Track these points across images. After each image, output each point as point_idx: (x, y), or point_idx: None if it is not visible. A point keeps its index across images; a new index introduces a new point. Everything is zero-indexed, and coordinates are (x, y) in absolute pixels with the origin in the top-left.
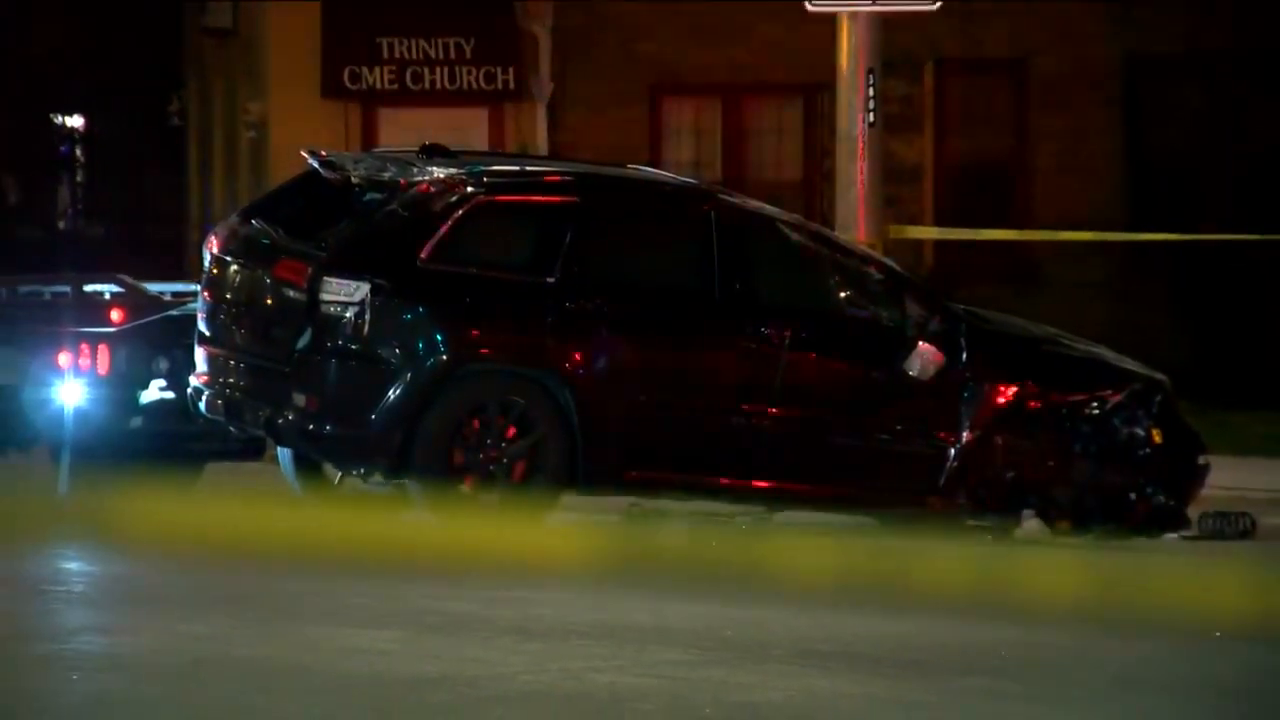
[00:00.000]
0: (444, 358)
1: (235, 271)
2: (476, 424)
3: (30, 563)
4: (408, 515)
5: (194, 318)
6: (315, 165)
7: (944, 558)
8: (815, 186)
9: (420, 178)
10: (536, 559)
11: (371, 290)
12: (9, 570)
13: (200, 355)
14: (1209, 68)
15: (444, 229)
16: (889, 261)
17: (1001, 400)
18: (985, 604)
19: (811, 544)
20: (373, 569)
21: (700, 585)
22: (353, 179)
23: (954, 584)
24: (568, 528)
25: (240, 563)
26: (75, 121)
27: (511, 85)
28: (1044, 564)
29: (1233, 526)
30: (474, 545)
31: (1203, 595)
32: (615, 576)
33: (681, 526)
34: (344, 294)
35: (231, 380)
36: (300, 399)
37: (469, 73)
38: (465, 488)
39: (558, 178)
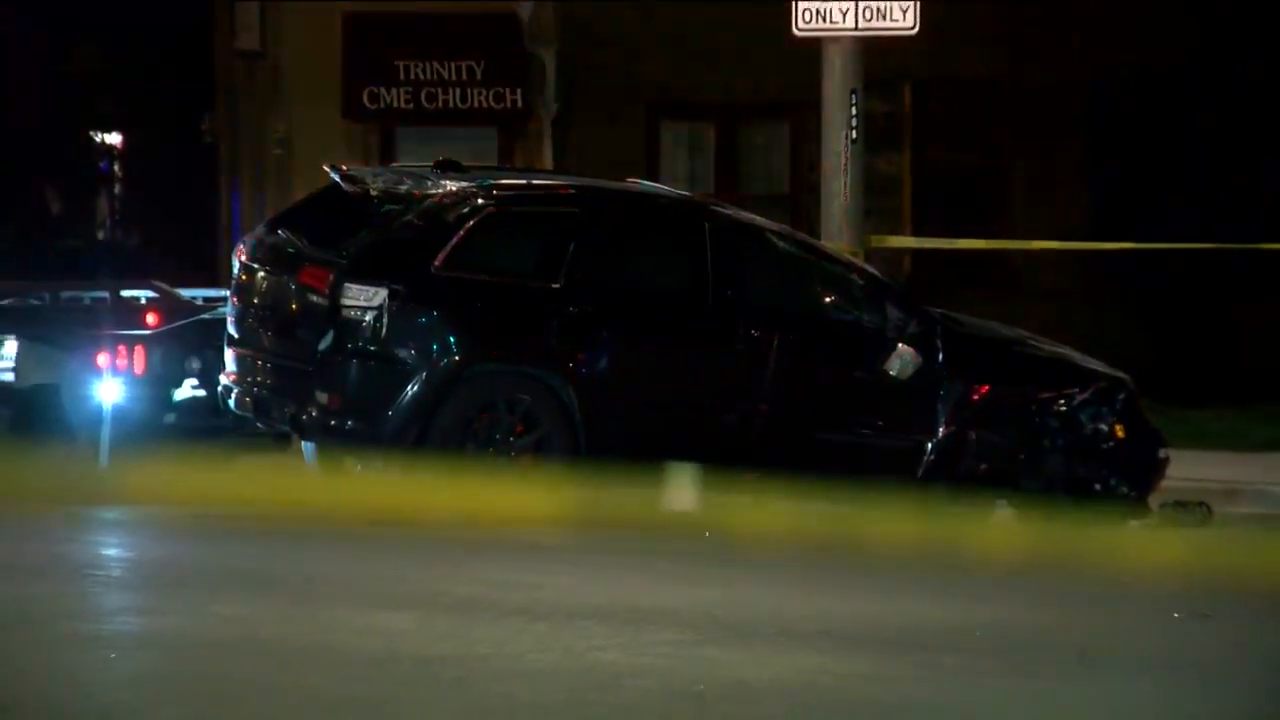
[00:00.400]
0: (456, 358)
1: (262, 278)
2: (486, 419)
3: (73, 547)
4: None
5: (224, 321)
6: (337, 179)
7: (916, 541)
8: (802, 199)
9: (434, 190)
10: (541, 537)
11: (389, 295)
12: (53, 555)
13: (230, 356)
14: (1169, 89)
15: (456, 238)
16: (870, 269)
17: (975, 397)
18: (958, 585)
19: (793, 527)
20: (386, 553)
21: (693, 568)
22: (371, 192)
23: (927, 566)
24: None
25: (264, 547)
26: (113, 139)
27: (519, 105)
28: (1012, 548)
29: (1191, 515)
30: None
31: (1162, 578)
32: (615, 560)
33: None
34: (363, 299)
35: (259, 379)
36: (323, 396)
37: (480, 94)
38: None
39: (562, 191)
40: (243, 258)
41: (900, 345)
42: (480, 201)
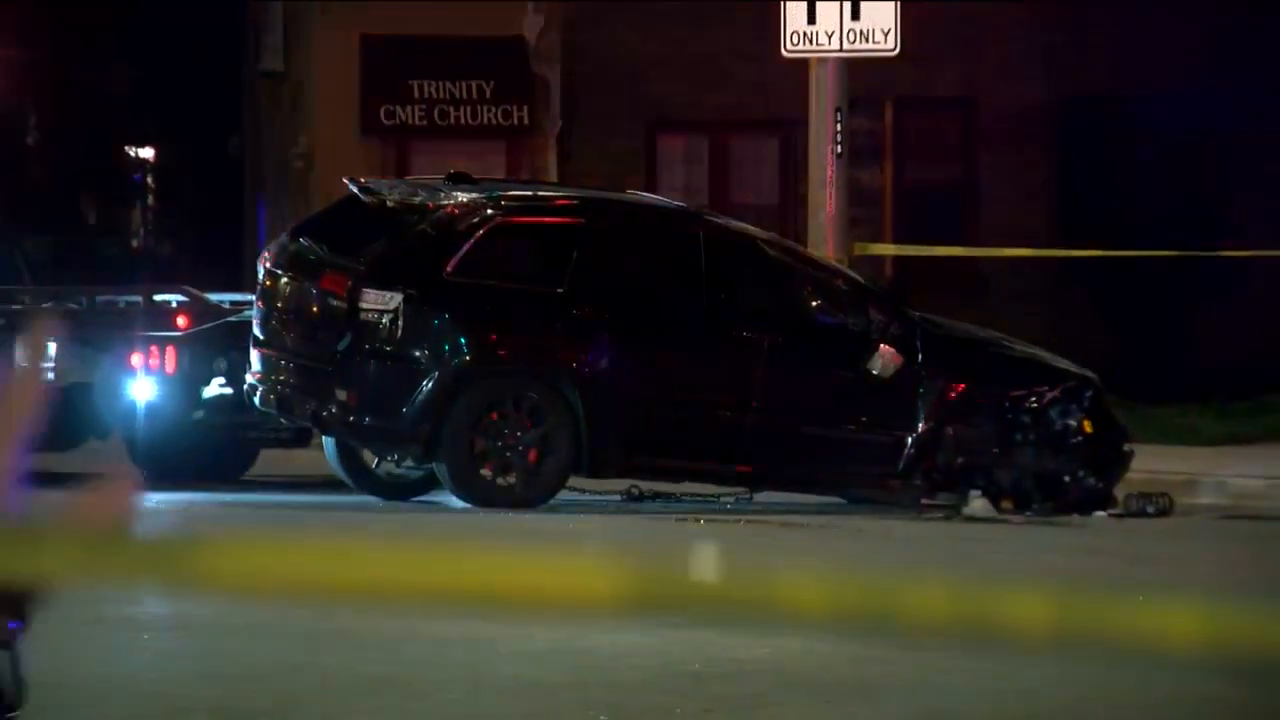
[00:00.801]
0: (467, 358)
1: (285, 283)
2: (495, 416)
3: None
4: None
5: (249, 323)
6: (355, 190)
7: (896, 536)
8: (790, 209)
9: (446, 201)
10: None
11: (404, 299)
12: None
13: (255, 356)
14: (1129, 106)
15: (467, 246)
16: (854, 274)
17: (952, 395)
18: (941, 573)
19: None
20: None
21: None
22: (388, 202)
23: (909, 558)
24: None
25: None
26: (146, 153)
27: (526, 122)
28: (985, 538)
29: (1154, 505)
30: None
31: (1126, 566)
32: (615, 547)
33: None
34: (380, 303)
35: (282, 378)
36: (342, 394)
37: (489, 111)
38: (485, 471)
39: (566, 202)
40: (267, 264)
41: (882, 346)
42: (489, 212)
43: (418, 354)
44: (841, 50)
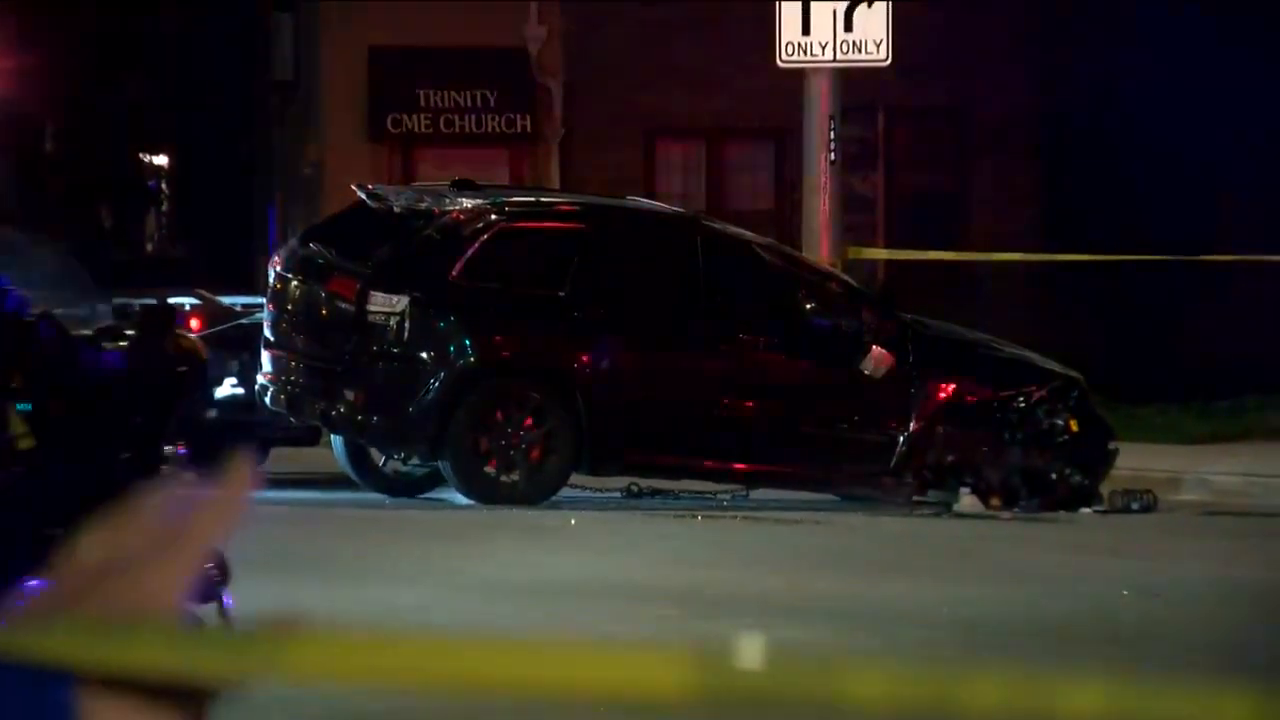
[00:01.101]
0: (471, 359)
1: (295, 286)
2: (499, 416)
3: None
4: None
5: (260, 325)
6: (363, 196)
7: (888, 532)
8: (785, 215)
9: (451, 207)
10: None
11: (410, 302)
12: None
13: (266, 357)
14: (1115, 114)
15: (471, 250)
16: (847, 278)
17: (942, 395)
18: (928, 569)
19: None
20: (409, 534)
21: (687, 552)
22: (394, 208)
23: (901, 554)
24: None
25: (299, 530)
26: (160, 160)
27: (528, 129)
28: (975, 535)
29: (1138, 502)
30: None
31: (1113, 562)
32: (615, 543)
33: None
34: (387, 305)
35: (292, 378)
36: (350, 394)
37: (493, 119)
38: (489, 469)
39: (567, 207)
40: (277, 268)
41: (874, 347)
42: (493, 217)
43: (424, 355)
44: (835, 60)
